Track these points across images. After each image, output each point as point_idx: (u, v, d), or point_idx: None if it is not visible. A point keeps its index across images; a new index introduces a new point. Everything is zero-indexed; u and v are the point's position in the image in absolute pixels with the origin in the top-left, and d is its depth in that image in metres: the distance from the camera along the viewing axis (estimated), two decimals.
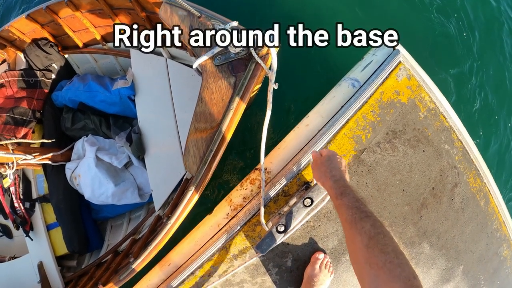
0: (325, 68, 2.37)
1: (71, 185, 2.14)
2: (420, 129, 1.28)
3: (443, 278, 1.39)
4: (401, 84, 1.26)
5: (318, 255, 1.24)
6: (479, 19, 2.54)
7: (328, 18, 2.47)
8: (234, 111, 1.02)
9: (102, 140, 2.14)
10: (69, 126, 2.22)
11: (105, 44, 2.24)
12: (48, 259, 2.17)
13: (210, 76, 1.02)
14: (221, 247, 1.24)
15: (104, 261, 2.08)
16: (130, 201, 2.00)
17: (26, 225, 2.18)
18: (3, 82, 2.27)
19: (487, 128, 2.39)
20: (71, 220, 2.11)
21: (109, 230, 2.34)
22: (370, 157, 1.24)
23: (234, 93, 1.01)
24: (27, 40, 2.33)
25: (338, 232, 1.26)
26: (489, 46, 2.51)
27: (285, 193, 1.21)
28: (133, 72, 1.99)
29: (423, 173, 1.29)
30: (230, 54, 0.98)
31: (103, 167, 1.98)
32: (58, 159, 2.16)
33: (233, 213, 1.25)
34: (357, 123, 1.22)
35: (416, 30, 2.47)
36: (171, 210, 1.52)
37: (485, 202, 1.41)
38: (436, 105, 1.29)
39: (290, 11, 2.59)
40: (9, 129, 2.14)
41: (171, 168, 1.76)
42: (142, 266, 1.33)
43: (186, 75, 1.89)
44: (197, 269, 1.27)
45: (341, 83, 1.24)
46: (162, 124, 1.86)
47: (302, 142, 1.21)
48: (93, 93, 2.08)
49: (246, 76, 0.99)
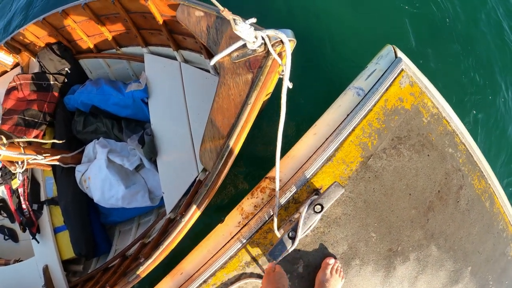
0: (329, 77, 2.43)
1: (81, 188, 2.20)
2: (424, 134, 1.33)
3: (451, 280, 1.43)
4: (404, 91, 1.30)
5: (328, 260, 1.27)
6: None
7: (326, 20, 2.53)
8: (252, 106, 1.06)
9: (113, 142, 2.20)
10: (80, 129, 2.29)
11: (119, 49, 2.32)
12: (53, 262, 2.19)
13: (227, 72, 1.07)
14: (233, 254, 1.28)
15: (111, 265, 2.09)
16: (140, 204, 2.05)
17: (33, 227, 2.23)
18: (16, 84, 2.36)
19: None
20: (79, 223, 2.16)
21: (117, 235, 2.38)
22: (377, 163, 1.28)
23: (251, 88, 1.06)
24: (41, 44, 2.43)
25: (347, 237, 1.30)
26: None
27: (295, 200, 1.26)
28: (146, 75, 2.03)
29: (428, 177, 1.34)
30: (248, 51, 1.03)
31: (114, 169, 2.03)
32: (68, 161, 2.22)
33: (244, 221, 1.29)
34: (363, 131, 1.26)
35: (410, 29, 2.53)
36: (185, 208, 1.54)
37: (490, 203, 1.46)
38: (438, 110, 1.34)
39: (287, 11, 2.65)
40: (20, 131, 2.22)
41: (183, 171, 1.81)
42: (153, 267, 1.36)
43: (199, 78, 1.96)
44: (209, 277, 1.30)
45: (346, 92, 1.29)
46: (175, 126, 1.92)
47: (310, 150, 1.26)
48: (106, 96, 2.15)
49: (264, 72, 1.03)
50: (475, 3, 2.71)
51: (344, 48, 2.54)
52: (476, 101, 2.49)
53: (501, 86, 2.53)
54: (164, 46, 2.11)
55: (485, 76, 2.53)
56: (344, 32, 2.58)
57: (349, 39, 2.56)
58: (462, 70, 2.53)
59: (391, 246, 1.35)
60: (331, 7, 2.68)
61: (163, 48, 2.12)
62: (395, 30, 2.60)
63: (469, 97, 2.49)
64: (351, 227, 1.31)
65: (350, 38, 2.56)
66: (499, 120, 2.50)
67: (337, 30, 2.59)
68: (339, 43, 2.55)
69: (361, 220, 1.31)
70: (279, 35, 0.93)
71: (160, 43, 2.12)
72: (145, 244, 1.94)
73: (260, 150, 2.36)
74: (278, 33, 0.94)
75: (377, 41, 2.29)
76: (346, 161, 1.28)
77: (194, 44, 1.92)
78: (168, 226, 1.76)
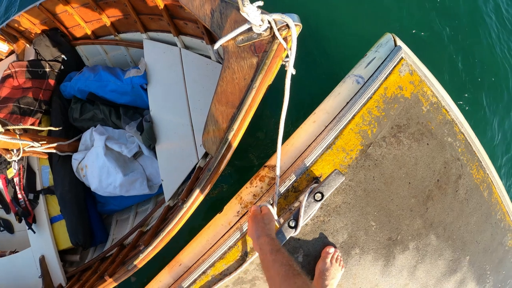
0: (328, 65, 2.42)
1: (77, 176, 2.20)
2: (424, 122, 1.33)
3: (450, 269, 1.44)
4: (404, 79, 1.30)
5: (328, 250, 1.27)
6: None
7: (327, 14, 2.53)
8: (257, 89, 1.06)
9: (111, 130, 2.18)
10: (77, 117, 2.27)
11: (117, 35, 2.30)
12: (50, 253, 2.18)
13: (232, 56, 1.07)
14: (233, 245, 1.28)
15: (108, 255, 2.07)
16: (138, 192, 2.05)
17: (29, 217, 2.22)
18: (11, 72, 2.35)
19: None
20: (76, 212, 2.15)
21: (114, 224, 2.38)
22: (377, 151, 1.28)
23: (256, 72, 1.06)
24: (37, 30, 2.41)
25: (347, 226, 1.30)
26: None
27: (295, 189, 1.25)
28: (146, 61, 2.01)
29: (427, 166, 1.34)
30: (253, 35, 1.03)
31: (112, 156, 2.01)
32: (65, 149, 2.21)
33: (243, 211, 1.28)
34: (362, 118, 1.26)
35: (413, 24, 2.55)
36: (186, 194, 1.53)
37: (488, 193, 1.47)
38: (438, 99, 1.35)
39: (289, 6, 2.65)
40: (15, 119, 2.19)
41: (183, 158, 1.80)
42: (152, 255, 1.36)
43: (200, 64, 1.95)
44: (208, 268, 1.29)
45: (346, 79, 1.29)
46: (174, 112, 1.91)
47: (310, 138, 1.26)
48: (104, 82, 2.13)
49: (269, 56, 1.03)
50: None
51: (343, 36, 2.55)
52: (473, 85, 2.51)
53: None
54: (164, 32, 2.09)
55: (485, 65, 2.55)
56: (343, 21, 2.60)
57: (349, 27, 2.57)
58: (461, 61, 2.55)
59: (390, 235, 1.35)
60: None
61: (163, 33, 2.10)
62: (395, 19, 2.60)
63: (467, 83, 2.51)
64: (351, 216, 1.31)
65: (349, 26, 2.57)
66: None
67: (336, 18, 2.60)
68: (338, 31, 2.57)
69: (361, 209, 1.31)
70: (285, 19, 0.94)
71: (160, 29, 2.10)
72: (144, 233, 1.94)
73: (258, 138, 2.36)
74: (285, 17, 0.94)
75: (376, 30, 2.30)
76: (346, 149, 1.28)
77: (196, 30, 1.91)
78: (167, 214, 1.75)
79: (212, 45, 1.88)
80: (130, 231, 2.08)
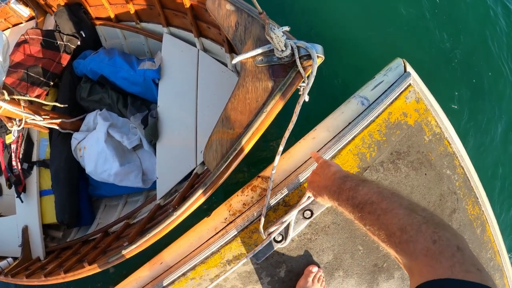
0: (334, 83, 2.42)
1: (74, 156, 2.25)
2: (424, 152, 1.32)
3: None
4: (409, 106, 1.30)
5: (311, 268, 1.27)
6: None
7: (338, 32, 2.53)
8: (267, 114, 1.05)
9: (116, 117, 2.21)
10: (84, 97, 2.32)
11: (139, 23, 2.33)
12: (34, 224, 2.22)
13: (248, 75, 1.06)
14: (216, 251, 1.27)
15: (91, 239, 2.07)
16: (132, 184, 2.10)
17: (19, 185, 2.28)
18: (27, 38, 2.36)
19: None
20: (67, 190, 2.19)
21: (102, 208, 2.41)
22: (373, 175, 1.27)
23: (269, 96, 1.05)
24: (61, 2, 2.44)
25: (334, 247, 1.29)
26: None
27: (285, 203, 1.25)
28: (162, 56, 2.02)
29: (423, 196, 1.33)
30: (273, 58, 1.03)
31: (111, 144, 2.04)
32: (66, 126, 2.26)
33: (231, 218, 1.28)
34: (363, 141, 1.26)
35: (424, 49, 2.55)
36: (179, 201, 1.54)
37: (481, 230, 1.45)
38: (441, 130, 1.34)
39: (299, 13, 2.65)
40: (23, 86, 2.22)
41: (181, 160, 1.81)
42: (135, 253, 1.38)
43: (216, 70, 1.96)
44: (189, 271, 1.29)
45: (351, 100, 1.29)
46: (181, 113, 1.94)
47: (307, 154, 1.26)
48: (117, 68, 2.17)
49: (286, 83, 1.03)
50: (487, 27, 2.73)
51: (354, 56, 2.55)
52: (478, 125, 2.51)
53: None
54: (186, 30, 2.11)
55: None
56: (355, 42, 2.60)
57: (360, 48, 2.58)
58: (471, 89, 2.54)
59: (377, 262, 1.34)
60: (343, 13, 2.68)
61: (184, 32, 2.13)
62: (407, 44, 2.59)
63: (472, 122, 2.50)
64: (338, 237, 1.30)
65: (360, 47, 2.58)
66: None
67: (349, 38, 2.61)
68: (349, 51, 2.58)
69: (350, 232, 1.31)
70: (309, 50, 0.94)
71: (182, 26, 2.12)
72: (130, 225, 1.97)
73: (257, 148, 2.35)
74: (308, 47, 0.95)
75: (387, 54, 2.29)
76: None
77: (217, 35, 1.93)
78: (156, 213, 1.74)
79: (231, 54, 1.90)
80: (116, 220, 2.12)
